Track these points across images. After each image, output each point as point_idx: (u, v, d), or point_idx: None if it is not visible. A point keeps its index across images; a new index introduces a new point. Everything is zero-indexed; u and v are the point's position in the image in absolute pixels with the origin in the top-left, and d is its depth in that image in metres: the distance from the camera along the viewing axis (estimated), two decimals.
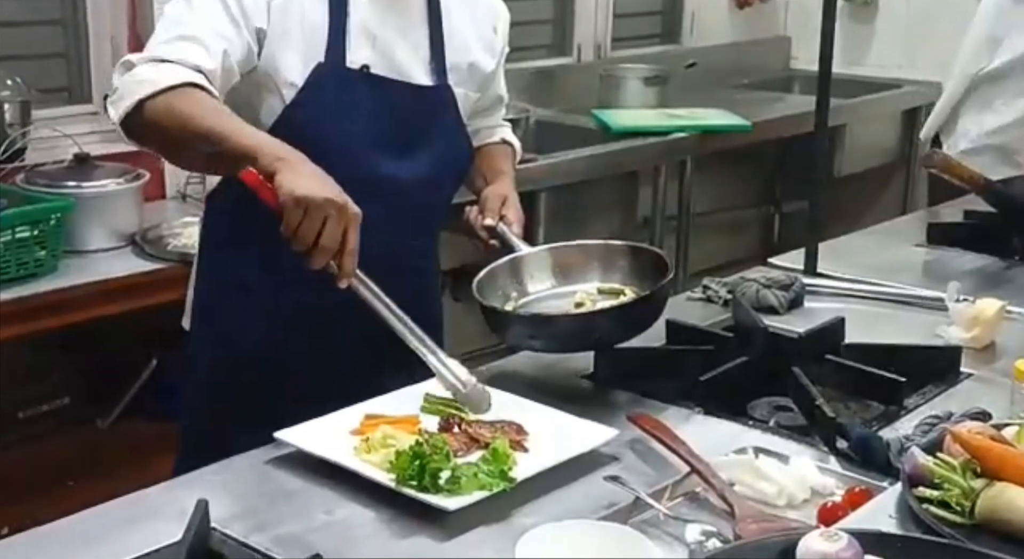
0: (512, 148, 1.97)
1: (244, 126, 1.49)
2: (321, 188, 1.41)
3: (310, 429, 1.45)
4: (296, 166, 1.43)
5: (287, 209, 1.39)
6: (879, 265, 2.27)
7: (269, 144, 1.46)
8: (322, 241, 1.40)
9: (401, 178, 1.68)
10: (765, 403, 1.66)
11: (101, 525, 1.30)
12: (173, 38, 1.55)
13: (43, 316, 2.33)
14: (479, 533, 1.28)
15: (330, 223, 1.40)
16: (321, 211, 1.39)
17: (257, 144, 1.45)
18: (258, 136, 1.48)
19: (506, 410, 1.53)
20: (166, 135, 1.51)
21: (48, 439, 2.65)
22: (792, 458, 1.41)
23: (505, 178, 1.85)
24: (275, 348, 1.72)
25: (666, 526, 1.29)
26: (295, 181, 1.40)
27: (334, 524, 1.29)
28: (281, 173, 1.41)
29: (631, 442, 1.49)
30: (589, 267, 1.79)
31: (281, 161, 1.43)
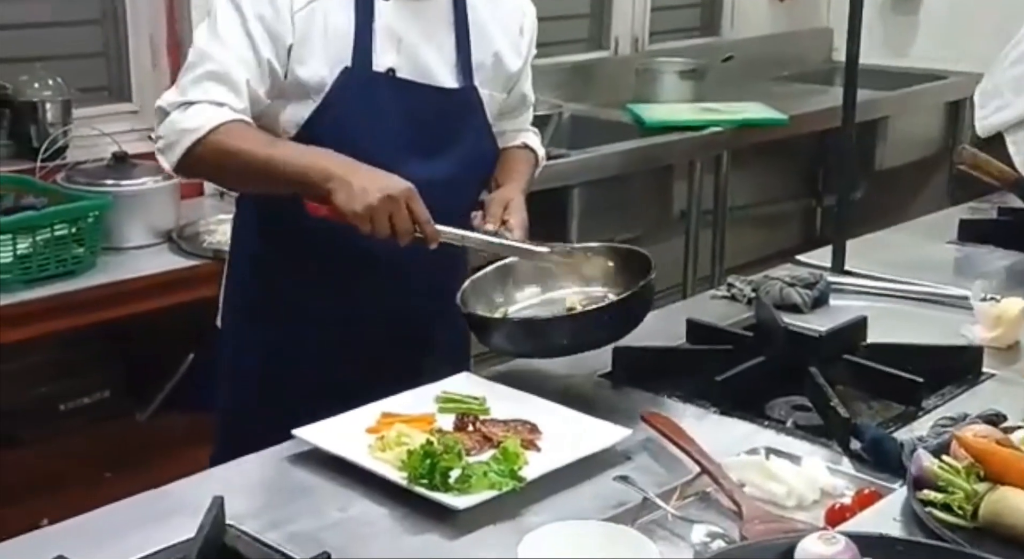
0: (534, 155, 1.95)
1: (289, 149, 1.60)
2: (374, 191, 1.51)
3: (327, 427, 1.47)
4: (345, 178, 1.52)
5: (357, 225, 1.52)
6: (908, 262, 2.25)
7: (314, 163, 1.55)
8: (398, 231, 1.53)
9: (428, 181, 1.66)
10: (783, 403, 1.66)
11: (120, 521, 1.33)
12: (201, 77, 1.61)
13: (82, 312, 2.38)
14: (488, 531, 1.30)
15: (396, 215, 1.52)
16: (384, 211, 1.51)
17: (304, 167, 1.55)
18: (304, 157, 1.57)
19: (521, 409, 1.55)
20: (223, 173, 1.67)
21: (87, 432, 2.71)
22: (804, 459, 1.42)
23: (514, 182, 1.83)
24: (306, 346, 1.76)
25: (673, 526, 1.30)
26: (348, 199, 1.51)
27: (347, 521, 1.32)
28: (334, 195, 1.52)
29: (645, 442, 1.50)
30: (573, 272, 1.78)
31: (330, 180, 1.53)
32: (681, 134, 3.33)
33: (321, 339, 1.76)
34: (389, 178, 1.53)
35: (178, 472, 2.47)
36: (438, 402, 1.58)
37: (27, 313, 2.28)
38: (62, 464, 2.56)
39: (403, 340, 1.77)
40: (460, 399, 1.57)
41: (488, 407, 1.57)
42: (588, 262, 1.77)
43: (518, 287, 1.76)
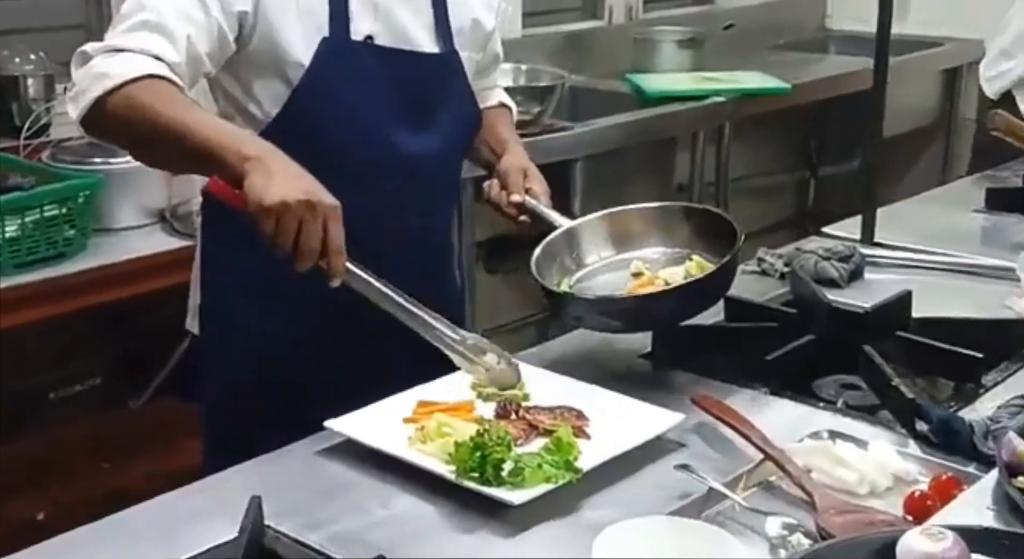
0: (510, 111, 1.85)
1: (209, 120, 1.39)
2: (291, 189, 1.30)
3: (361, 418, 1.38)
4: (265, 164, 1.31)
5: (258, 218, 1.30)
6: (936, 232, 2.18)
7: (235, 141, 1.35)
8: (301, 245, 1.30)
9: (417, 153, 1.58)
10: (831, 382, 1.59)
11: (151, 521, 1.24)
12: (135, 25, 1.42)
13: (73, 296, 2.27)
14: (547, 528, 1.21)
15: (306, 225, 1.30)
16: (294, 215, 1.29)
17: (221, 142, 1.34)
18: (223, 131, 1.37)
19: (563, 394, 1.46)
20: (129, 132, 1.41)
21: (80, 420, 2.60)
22: (871, 442, 1.34)
23: (517, 148, 1.74)
24: (294, 344, 1.61)
25: (743, 518, 1.22)
26: (263, 186, 1.29)
27: (392, 519, 1.23)
28: (249, 177, 1.31)
29: (697, 427, 1.42)
30: (648, 232, 1.68)
31: (248, 162, 1.32)
32: (683, 104, 3.24)
33: (311, 334, 1.60)
34: (318, 186, 1.32)
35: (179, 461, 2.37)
36: (475, 388, 1.48)
37: (17, 298, 2.17)
38: (56, 455, 2.46)
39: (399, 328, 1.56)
40: None
41: (528, 392, 1.48)
42: (664, 221, 1.69)
43: (590, 248, 1.66)
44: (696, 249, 1.64)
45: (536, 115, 2.83)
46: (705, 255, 1.61)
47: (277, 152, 1.35)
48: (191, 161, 1.39)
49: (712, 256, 1.59)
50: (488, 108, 1.79)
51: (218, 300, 1.65)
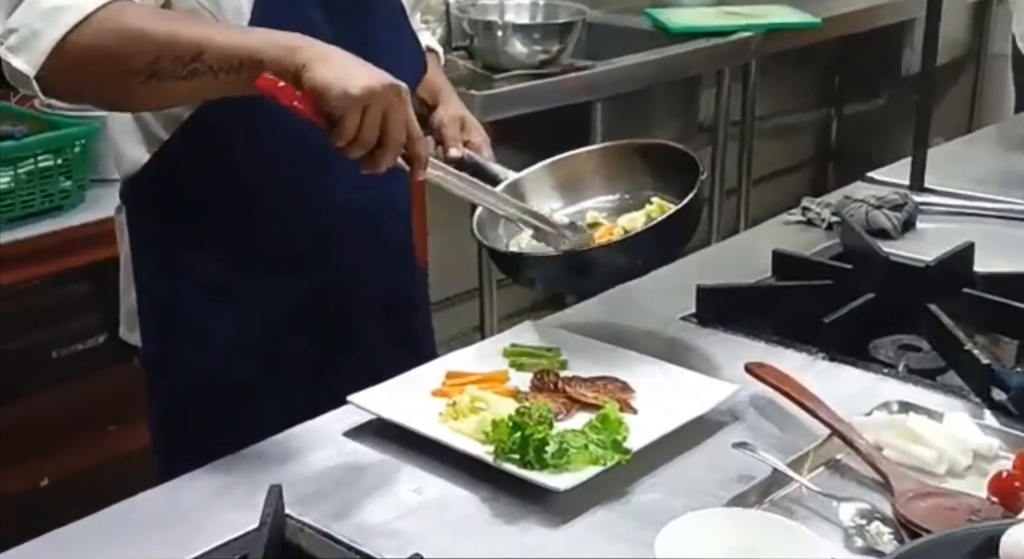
0: (437, 56, 1.65)
1: (217, 24, 1.17)
2: (372, 74, 1.11)
3: (386, 392, 1.26)
4: (319, 52, 1.10)
5: (345, 113, 1.08)
6: (987, 177, 2.05)
7: (269, 36, 1.12)
8: (389, 138, 1.11)
9: None
10: (888, 343, 1.47)
11: (161, 510, 1.13)
12: None
13: (72, 251, 2.17)
14: (596, 516, 1.10)
15: (392, 114, 1.11)
16: (382, 102, 1.09)
17: (255, 40, 1.11)
18: (249, 31, 1.16)
19: (603, 363, 1.34)
20: (118, 71, 1.13)
21: (84, 380, 2.48)
22: (946, 415, 1.22)
23: (451, 97, 1.56)
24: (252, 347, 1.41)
25: (812, 503, 1.10)
26: (340, 75, 1.08)
27: (425, 507, 1.12)
28: (312, 67, 1.08)
29: (752, 398, 1.30)
30: (598, 177, 1.51)
31: (299, 51, 1.09)
32: (707, 41, 3.08)
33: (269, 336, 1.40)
34: (377, 69, 1.13)
35: None
36: (508, 356, 1.36)
37: (12, 255, 2.06)
38: (59, 417, 2.35)
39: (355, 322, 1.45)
40: (534, 352, 1.36)
41: (565, 359, 1.36)
42: (613, 163, 1.51)
43: (538, 204, 1.47)
44: (655, 190, 1.47)
45: (556, 54, 2.68)
46: (666, 195, 1.44)
47: (323, 43, 1.13)
48: (220, 78, 1.12)
49: (673, 196, 1.41)
50: None
51: (160, 303, 1.43)
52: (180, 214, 1.38)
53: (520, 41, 2.65)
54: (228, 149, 1.32)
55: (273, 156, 1.33)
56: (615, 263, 1.36)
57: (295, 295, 1.40)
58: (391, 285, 1.49)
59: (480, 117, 1.64)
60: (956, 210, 1.88)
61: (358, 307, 1.46)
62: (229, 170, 1.31)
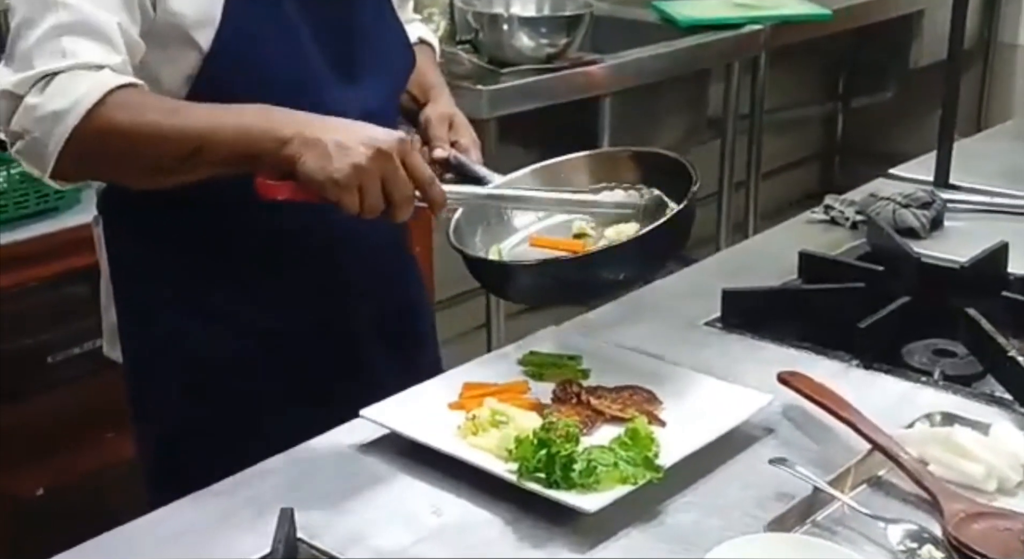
0: (433, 49, 1.58)
1: (214, 114, 1.13)
2: (356, 147, 1.08)
3: (400, 405, 1.20)
4: (309, 135, 1.09)
5: (339, 198, 1.08)
6: (1012, 172, 1.98)
7: (259, 123, 1.11)
8: (395, 200, 1.10)
9: (361, 109, 1.29)
10: (922, 348, 1.41)
11: (165, 535, 1.06)
12: (49, 32, 1.11)
13: (68, 253, 2.10)
14: (630, 539, 1.03)
15: (389, 178, 1.09)
16: (373, 175, 1.08)
17: (246, 132, 1.10)
18: (243, 118, 1.12)
19: (630, 372, 1.27)
20: (121, 164, 1.15)
21: (81, 386, 2.42)
22: (992, 426, 1.16)
23: (442, 93, 1.50)
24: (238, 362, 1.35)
25: (856, 524, 1.04)
26: (323, 165, 1.07)
27: (445, 530, 1.05)
28: (301, 160, 1.08)
29: (785, 409, 1.24)
30: (585, 185, 1.39)
31: (289, 145, 1.08)
32: (717, 34, 3.01)
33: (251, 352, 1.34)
34: (368, 128, 1.12)
35: None
36: (526, 365, 1.30)
37: (7, 257, 2.01)
38: (55, 425, 2.28)
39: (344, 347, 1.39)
40: (555, 361, 1.30)
41: (587, 369, 1.30)
42: (606, 170, 1.40)
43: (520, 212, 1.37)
44: (646, 198, 1.35)
45: (563, 47, 2.61)
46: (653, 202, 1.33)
47: (309, 117, 1.12)
48: (216, 167, 1.13)
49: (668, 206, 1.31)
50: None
51: (141, 319, 1.36)
52: (158, 226, 1.31)
53: (526, 34, 2.58)
54: None
55: None
56: (598, 273, 1.25)
57: (282, 310, 1.33)
58: (389, 292, 1.43)
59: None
60: (983, 207, 1.82)
61: (355, 317, 1.39)
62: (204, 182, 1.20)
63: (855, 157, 4.30)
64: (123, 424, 2.32)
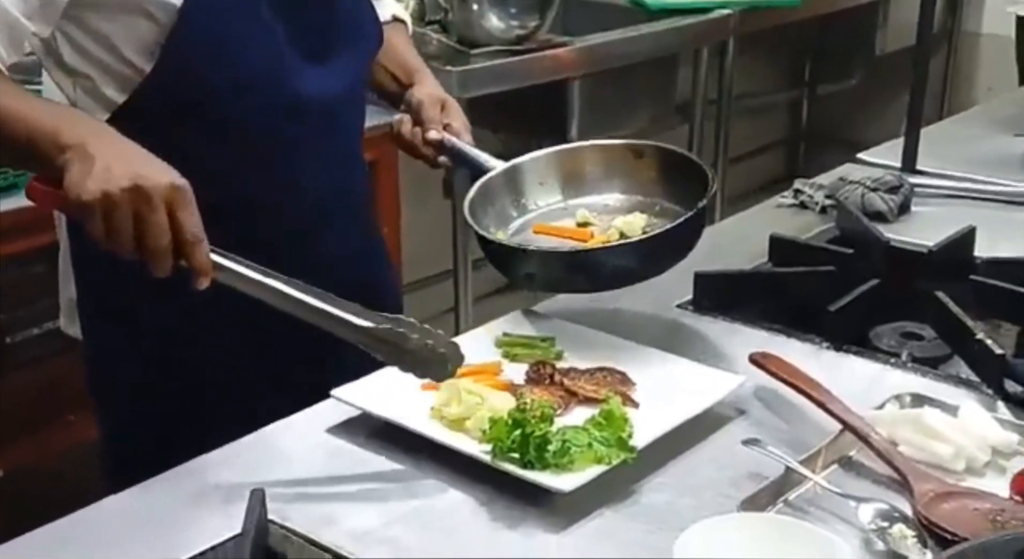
0: (406, 26, 1.57)
1: (22, 106, 1.10)
2: (113, 176, 1.02)
3: (373, 386, 1.19)
4: (85, 151, 1.04)
5: (83, 220, 1.03)
6: (978, 158, 2.00)
7: (51, 129, 1.06)
8: (145, 244, 1.03)
9: (329, 90, 1.29)
10: (890, 330, 1.42)
11: (134, 515, 1.05)
12: None
13: (26, 232, 2.06)
14: (604, 519, 1.03)
15: (144, 218, 1.02)
16: (122, 209, 1.01)
17: (34, 132, 1.06)
18: (39, 119, 1.08)
19: (600, 353, 1.27)
20: None
21: (41, 367, 2.38)
22: (961, 408, 1.17)
23: (426, 75, 1.49)
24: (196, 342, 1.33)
25: (827, 504, 1.05)
26: (79, 179, 1.02)
27: (419, 512, 1.04)
28: (67, 170, 1.03)
29: (756, 390, 1.24)
30: (604, 175, 1.44)
31: (66, 152, 1.04)
32: (686, 18, 3.01)
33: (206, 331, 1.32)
34: (154, 164, 1.05)
35: None
36: (501, 346, 1.29)
37: None
38: (15, 407, 2.25)
39: None
40: (529, 342, 1.30)
41: (560, 350, 1.29)
42: (620, 162, 1.43)
43: (536, 193, 1.41)
44: (661, 196, 1.40)
45: (533, 29, 2.59)
46: (670, 204, 1.37)
47: (105, 133, 1.08)
48: (13, 159, 1.13)
49: (675, 203, 1.36)
50: (386, 25, 1.47)
51: (100, 295, 1.34)
52: None
53: (496, 15, 2.56)
54: (169, 130, 1.21)
55: (221, 140, 1.24)
56: (617, 265, 1.29)
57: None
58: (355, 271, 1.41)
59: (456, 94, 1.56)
60: (949, 192, 1.84)
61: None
62: (169, 150, 1.15)
63: (820, 143, 4.33)
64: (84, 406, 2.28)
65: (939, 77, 4.25)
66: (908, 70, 4.23)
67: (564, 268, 1.31)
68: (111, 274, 1.29)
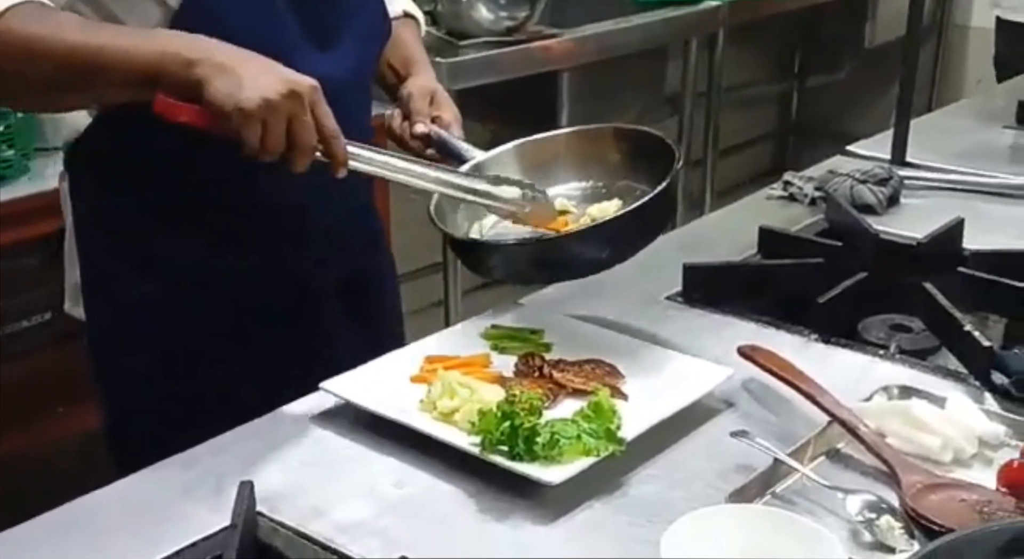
0: (417, 23, 1.57)
1: (121, 33, 1.13)
2: (268, 83, 1.08)
3: (361, 378, 1.19)
4: (219, 63, 1.08)
5: (241, 129, 1.07)
6: (967, 150, 2.01)
7: (172, 46, 1.10)
8: (298, 144, 1.10)
9: (332, 75, 1.26)
10: (878, 322, 1.42)
11: (124, 507, 1.05)
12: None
13: (16, 224, 2.06)
14: (592, 511, 1.03)
15: (297, 120, 1.09)
16: (280, 113, 1.08)
17: (154, 54, 1.09)
18: (148, 40, 1.11)
19: (592, 345, 1.27)
20: (21, 76, 1.13)
21: (30, 359, 2.38)
22: (949, 400, 1.17)
23: (423, 67, 1.48)
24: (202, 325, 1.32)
25: (815, 495, 1.05)
26: (233, 90, 1.06)
27: (407, 502, 1.05)
28: (208, 84, 1.07)
29: (745, 382, 1.24)
30: (569, 162, 1.41)
31: (197, 66, 1.07)
32: (676, 9, 3.01)
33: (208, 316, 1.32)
34: (288, 69, 1.11)
35: None
36: (489, 339, 1.29)
37: None
38: (5, 398, 2.24)
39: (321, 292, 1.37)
40: (517, 334, 1.30)
41: (549, 342, 1.30)
42: (585, 148, 1.41)
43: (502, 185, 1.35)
44: (627, 178, 1.37)
45: (522, 20, 2.60)
46: (639, 184, 1.34)
47: (221, 44, 1.11)
48: (120, 89, 1.12)
49: (647, 184, 1.32)
50: (393, 19, 1.47)
51: (104, 277, 1.34)
52: (124, 183, 1.29)
53: (486, 7, 2.57)
54: None
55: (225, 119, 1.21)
56: (582, 252, 1.26)
57: (248, 271, 1.31)
58: (354, 260, 1.41)
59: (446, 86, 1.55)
60: (938, 185, 1.84)
61: (319, 284, 1.37)
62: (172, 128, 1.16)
63: (810, 136, 4.34)
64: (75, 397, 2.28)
65: (928, 69, 4.26)
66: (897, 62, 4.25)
67: (529, 259, 1.28)
68: (113, 257, 1.32)
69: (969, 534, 0.86)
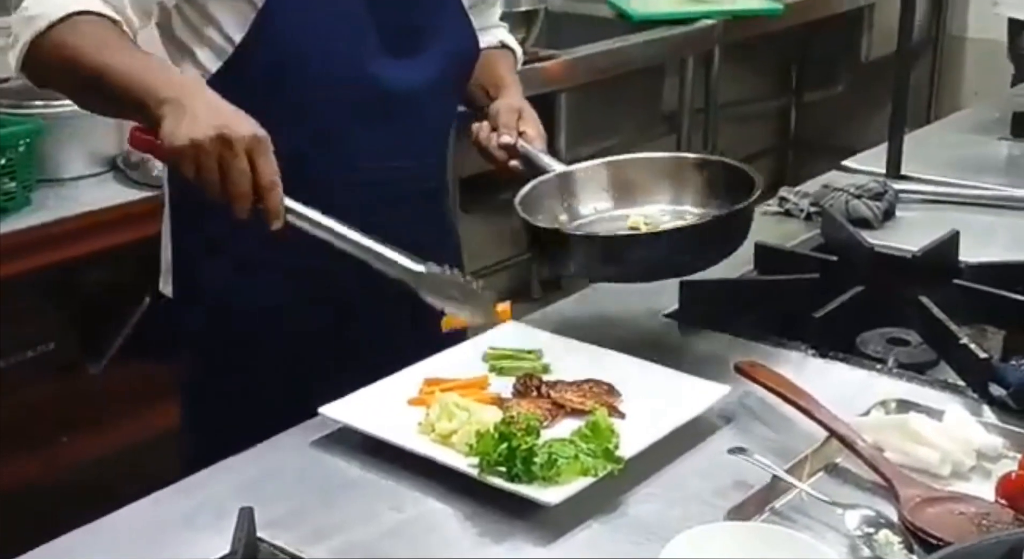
0: (513, 54, 1.68)
1: (135, 61, 1.23)
2: (202, 126, 1.15)
3: (360, 402, 1.19)
4: (180, 105, 1.17)
5: (177, 165, 1.17)
6: (962, 163, 2.02)
7: (153, 83, 1.20)
8: (228, 187, 1.16)
9: (406, 85, 1.39)
10: (876, 336, 1.43)
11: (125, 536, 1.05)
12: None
13: (19, 256, 2.07)
14: (591, 531, 1.04)
15: (227, 164, 1.15)
16: (209, 154, 1.15)
17: (138, 85, 1.20)
18: (145, 73, 1.21)
19: (589, 365, 1.28)
20: (61, 79, 1.30)
21: (34, 389, 2.39)
22: (946, 413, 1.17)
23: (513, 89, 1.57)
24: (275, 314, 1.42)
25: (814, 511, 1.05)
26: (173, 128, 1.16)
27: (406, 526, 1.05)
28: (164, 121, 1.17)
29: (743, 397, 1.25)
30: (655, 184, 1.48)
31: (164, 105, 1.17)
32: (671, 28, 3.03)
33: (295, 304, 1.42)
34: (238, 116, 1.18)
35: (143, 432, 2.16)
36: (488, 360, 1.30)
37: None
38: (8, 429, 2.25)
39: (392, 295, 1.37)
40: (514, 355, 1.30)
41: (547, 363, 1.30)
42: (673, 174, 1.48)
43: (586, 199, 1.46)
44: (706, 206, 1.43)
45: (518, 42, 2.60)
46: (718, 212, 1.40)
47: (199, 90, 1.21)
48: (115, 106, 1.27)
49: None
50: (488, 49, 1.58)
51: (189, 262, 1.46)
52: None
53: None
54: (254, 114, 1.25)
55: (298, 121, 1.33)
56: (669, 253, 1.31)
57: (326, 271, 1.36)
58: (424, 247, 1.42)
59: None
60: (933, 198, 1.85)
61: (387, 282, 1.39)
62: None
63: (808, 150, 4.35)
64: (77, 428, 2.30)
65: (926, 82, 4.27)
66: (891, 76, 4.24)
67: (608, 255, 1.33)
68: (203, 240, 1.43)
69: (967, 547, 0.86)
